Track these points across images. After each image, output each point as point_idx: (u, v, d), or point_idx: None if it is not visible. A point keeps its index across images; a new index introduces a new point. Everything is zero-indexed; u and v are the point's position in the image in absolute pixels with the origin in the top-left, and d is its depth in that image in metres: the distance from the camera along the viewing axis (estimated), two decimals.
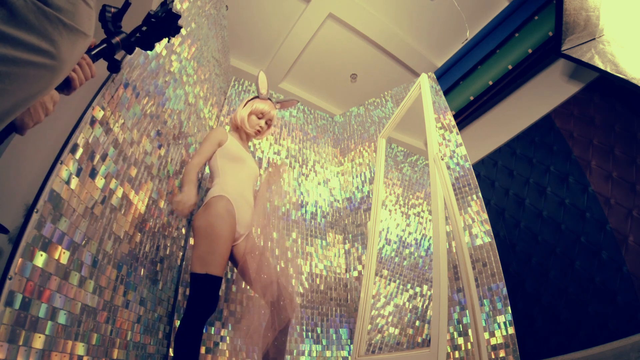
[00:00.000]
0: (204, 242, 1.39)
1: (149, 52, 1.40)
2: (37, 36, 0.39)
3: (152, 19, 0.98)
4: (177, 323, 1.73)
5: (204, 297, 1.33)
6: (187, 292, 1.83)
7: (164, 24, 0.99)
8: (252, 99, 1.85)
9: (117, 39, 0.88)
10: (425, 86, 1.81)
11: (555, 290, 2.39)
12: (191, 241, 1.97)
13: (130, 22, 0.96)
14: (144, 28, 0.98)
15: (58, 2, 0.41)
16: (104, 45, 0.85)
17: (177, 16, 1.00)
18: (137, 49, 0.98)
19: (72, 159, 0.96)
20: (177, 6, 1.66)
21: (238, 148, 1.71)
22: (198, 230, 1.42)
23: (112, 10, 0.89)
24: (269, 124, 1.84)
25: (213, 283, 1.34)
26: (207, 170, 2.05)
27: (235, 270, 2.04)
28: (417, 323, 1.99)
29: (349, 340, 2.20)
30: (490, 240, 2.05)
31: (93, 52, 0.81)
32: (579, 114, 2.63)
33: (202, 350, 1.75)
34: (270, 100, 1.87)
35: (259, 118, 1.80)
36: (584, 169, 2.48)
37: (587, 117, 2.57)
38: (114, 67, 0.91)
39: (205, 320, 1.33)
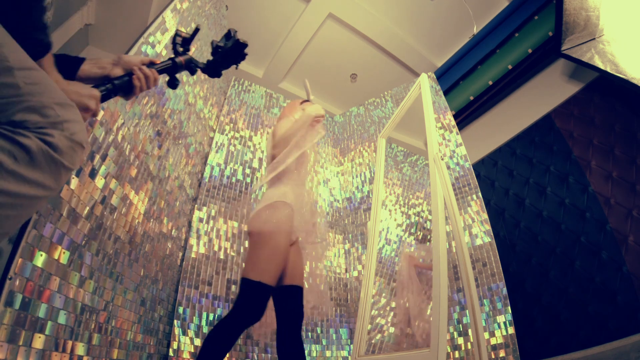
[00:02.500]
0: (263, 249, 1.32)
1: (149, 52, 1.40)
2: (46, 176, 0.50)
3: (219, 49, 1.08)
4: (177, 323, 1.74)
5: (253, 305, 1.26)
6: (186, 292, 1.83)
7: (232, 53, 1.07)
8: (303, 102, 1.77)
9: (182, 59, 0.97)
10: (425, 86, 1.81)
11: (555, 290, 2.39)
12: (191, 242, 1.97)
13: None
14: (211, 58, 1.08)
15: (62, 147, 0.51)
16: (169, 63, 0.95)
17: (244, 45, 1.07)
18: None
19: None
20: (178, 6, 1.66)
21: None
22: (258, 236, 1.34)
23: (183, 34, 1.01)
24: None
25: (265, 292, 1.28)
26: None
27: (235, 270, 2.05)
28: (417, 323, 1.99)
29: (349, 340, 2.21)
30: (490, 240, 2.05)
31: (157, 67, 0.91)
32: (579, 114, 2.63)
33: None
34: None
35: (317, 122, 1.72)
36: (584, 169, 2.48)
37: (587, 117, 2.57)
38: (173, 84, 1.00)
39: (246, 328, 1.28)
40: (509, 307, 1.85)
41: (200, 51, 1.99)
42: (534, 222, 2.67)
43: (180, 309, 1.78)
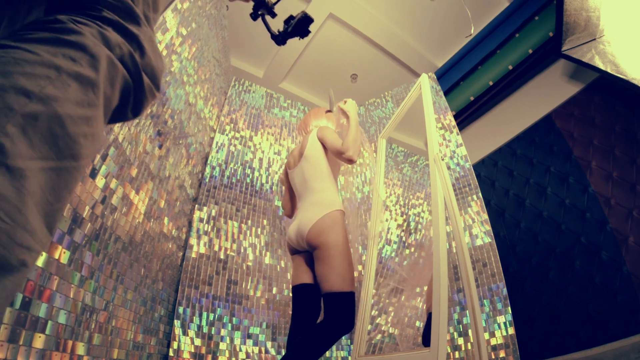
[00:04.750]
0: (343, 259, 1.34)
1: None
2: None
3: (291, 20, 1.31)
4: (177, 323, 1.74)
5: (352, 315, 1.29)
6: (186, 292, 1.83)
7: (301, 24, 1.30)
8: (328, 111, 1.82)
9: (271, 2, 1.26)
10: (426, 86, 1.81)
11: (555, 290, 2.39)
12: (191, 242, 1.97)
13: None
14: (285, 26, 1.32)
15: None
16: (260, 1, 1.24)
17: (311, 20, 1.31)
18: None
19: None
20: (179, 6, 1.66)
21: None
22: (336, 248, 1.35)
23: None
24: None
25: (354, 298, 1.33)
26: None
27: (235, 270, 2.05)
28: (417, 323, 1.99)
29: (349, 341, 2.20)
30: (490, 240, 2.05)
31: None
32: (579, 114, 2.63)
33: (202, 350, 1.75)
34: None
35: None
36: (584, 169, 2.48)
37: (588, 118, 2.57)
38: (255, 15, 1.28)
39: (343, 336, 1.31)
40: (509, 308, 1.85)
41: (200, 51, 1.99)
42: (534, 223, 2.67)
43: (180, 309, 1.78)
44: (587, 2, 2.20)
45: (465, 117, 3.49)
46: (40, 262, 0.85)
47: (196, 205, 2.09)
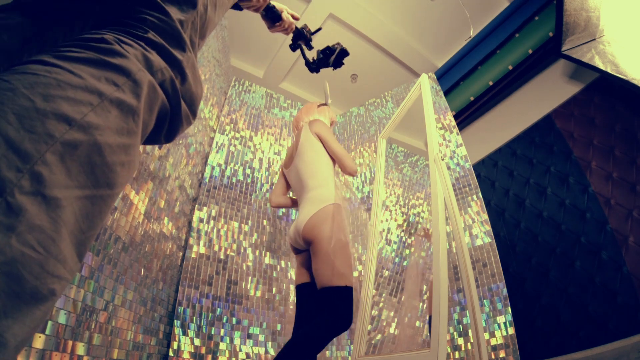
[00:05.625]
0: (338, 252, 1.31)
1: None
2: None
3: (328, 50, 1.41)
4: (177, 323, 1.74)
5: (350, 310, 1.26)
6: (186, 292, 1.83)
7: (337, 56, 1.40)
8: (321, 105, 1.79)
9: (307, 33, 1.34)
10: (426, 86, 1.81)
11: (555, 290, 2.39)
12: (191, 242, 1.97)
13: None
14: (321, 56, 1.41)
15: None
16: (301, 28, 1.31)
17: (347, 54, 1.41)
18: None
19: None
20: None
21: None
22: (329, 241, 1.32)
23: (309, 28, 1.36)
24: None
25: (352, 294, 1.30)
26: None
27: (235, 270, 2.05)
28: (417, 323, 1.99)
29: (349, 341, 2.20)
30: (490, 240, 2.05)
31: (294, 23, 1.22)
32: (579, 114, 2.63)
33: (202, 350, 1.75)
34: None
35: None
36: (584, 169, 2.48)
37: (588, 118, 2.57)
38: (294, 46, 1.35)
39: (341, 333, 1.27)
40: (509, 308, 1.85)
41: (200, 51, 1.99)
42: (534, 223, 2.67)
43: (180, 309, 1.78)
44: (587, 2, 2.20)
45: (465, 117, 3.49)
46: None
47: (196, 205, 2.09)
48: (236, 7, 1.04)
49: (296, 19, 1.22)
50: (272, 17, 1.14)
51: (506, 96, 3.33)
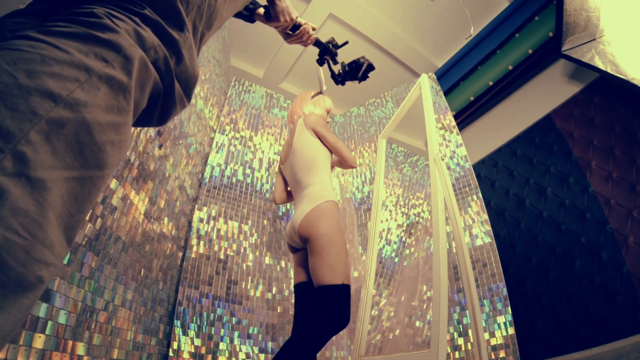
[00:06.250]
0: (333, 250, 1.28)
1: None
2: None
3: (354, 64, 1.43)
4: (177, 323, 1.74)
5: (347, 309, 1.24)
6: (186, 292, 1.83)
7: (363, 70, 1.43)
8: (316, 94, 1.73)
9: (332, 48, 1.37)
10: (426, 86, 1.81)
11: (555, 291, 2.39)
12: (191, 242, 1.97)
13: None
14: (347, 69, 1.43)
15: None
16: (327, 44, 1.34)
17: (372, 68, 1.45)
18: None
19: None
20: None
21: None
22: (324, 238, 1.29)
23: (335, 41, 1.40)
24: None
25: (349, 292, 1.28)
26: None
27: (235, 270, 2.05)
28: (417, 323, 1.99)
29: (349, 341, 2.20)
30: (490, 240, 2.05)
31: (316, 38, 1.24)
32: (579, 114, 2.63)
33: (202, 350, 1.75)
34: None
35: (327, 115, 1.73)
36: (584, 169, 2.48)
37: (588, 118, 2.57)
38: (321, 61, 1.39)
39: (338, 332, 1.25)
40: (509, 308, 1.85)
41: (200, 51, 1.99)
42: (534, 223, 2.67)
43: (180, 309, 1.78)
44: (587, 2, 2.20)
45: (465, 117, 3.49)
46: None
47: (196, 205, 2.09)
48: (249, 19, 1.03)
49: (313, 29, 1.22)
50: (292, 28, 1.14)
51: (506, 96, 3.33)
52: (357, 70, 1.43)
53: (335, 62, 1.40)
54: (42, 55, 0.33)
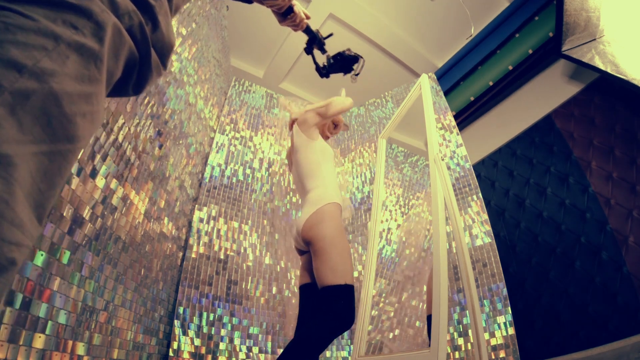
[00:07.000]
0: (336, 251, 1.29)
1: None
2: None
3: (339, 57, 1.44)
4: (177, 323, 1.74)
5: (350, 309, 1.24)
6: (186, 292, 1.83)
7: (347, 62, 1.43)
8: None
9: (321, 37, 1.36)
10: (426, 86, 1.81)
11: (555, 291, 2.39)
12: (191, 242, 1.97)
13: None
14: (332, 61, 1.43)
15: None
16: (315, 31, 1.32)
17: (357, 59, 1.44)
18: None
19: None
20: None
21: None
22: (326, 240, 1.31)
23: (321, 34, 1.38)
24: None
25: (353, 292, 1.28)
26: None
27: (235, 270, 2.05)
28: (417, 323, 1.99)
29: (349, 341, 2.20)
30: (490, 240, 2.05)
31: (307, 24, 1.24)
32: (579, 114, 2.63)
33: (202, 350, 1.75)
34: None
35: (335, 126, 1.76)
36: (584, 169, 2.48)
37: (588, 118, 2.57)
38: (309, 49, 1.38)
39: (342, 333, 1.25)
40: (509, 308, 1.85)
41: (200, 51, 1.99)
42: (534, 223, 2.67)
43: (180, 309, 1.78)
44: (587, 2, 2.20)
45: (465, 117, 3.49)
46: (40, 262, 0.85)
47: (196, 205, 2.09)
48: (247, 0, 1.02)
49: (307, 17, 1.21)
50: (287, 10, 1.15)
51: (506, 96, 3.33)
52: (341, 62, 1.44)
53: (324, 52, 1.41)
54: (5, 24, 0.31)
